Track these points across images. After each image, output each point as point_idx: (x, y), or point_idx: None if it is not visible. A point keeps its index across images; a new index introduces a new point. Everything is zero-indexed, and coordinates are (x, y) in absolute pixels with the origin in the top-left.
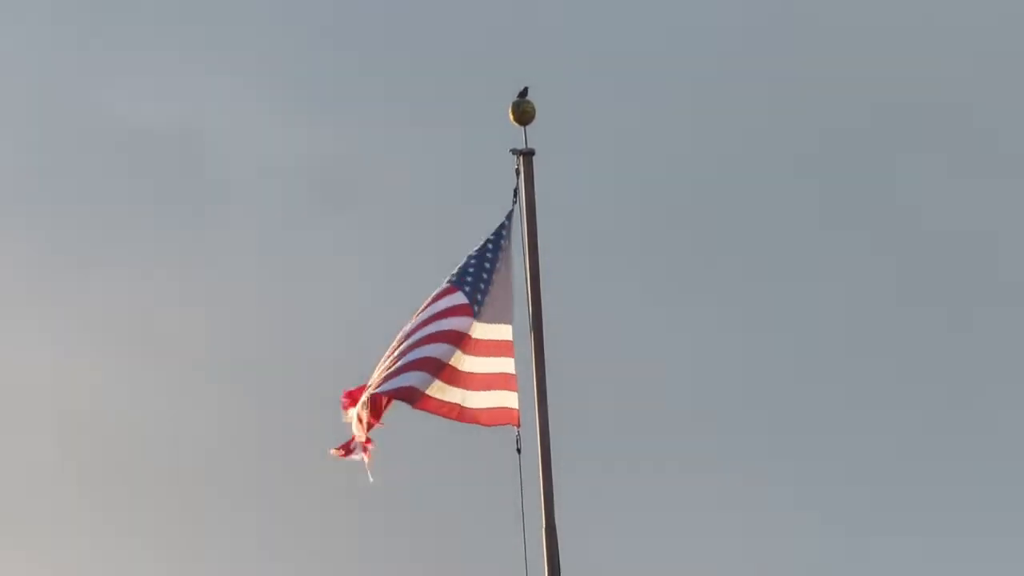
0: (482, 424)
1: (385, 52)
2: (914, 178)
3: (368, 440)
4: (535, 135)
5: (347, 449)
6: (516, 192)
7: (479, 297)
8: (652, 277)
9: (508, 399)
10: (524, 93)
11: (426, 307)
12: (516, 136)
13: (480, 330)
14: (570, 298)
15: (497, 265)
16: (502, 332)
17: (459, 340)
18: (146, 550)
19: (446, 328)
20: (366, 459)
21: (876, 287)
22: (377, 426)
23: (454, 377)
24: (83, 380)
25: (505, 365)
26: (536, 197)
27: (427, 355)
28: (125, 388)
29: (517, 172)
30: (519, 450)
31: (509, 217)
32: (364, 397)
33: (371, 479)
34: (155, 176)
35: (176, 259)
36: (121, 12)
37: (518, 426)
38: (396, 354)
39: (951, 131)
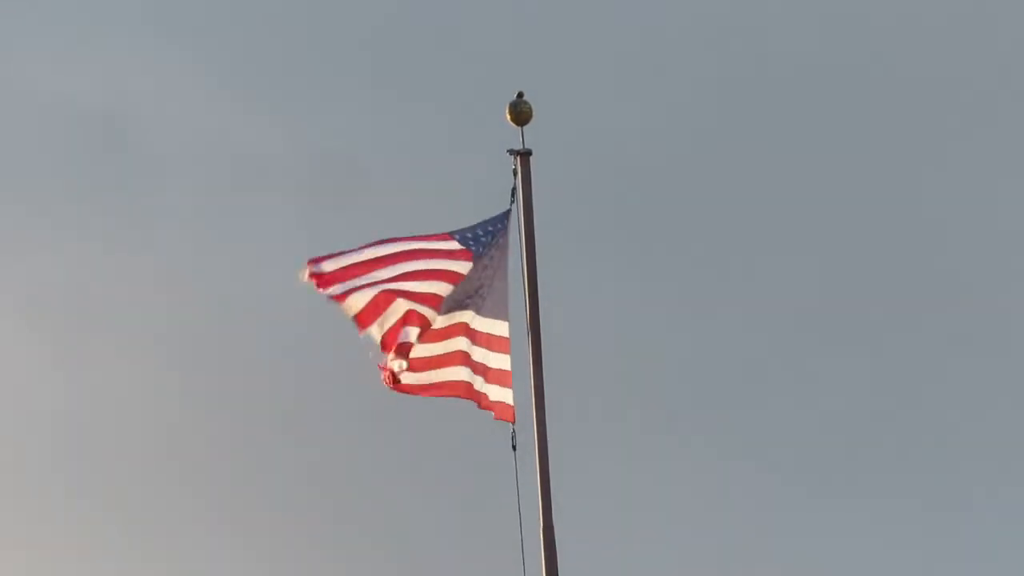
0: (493, 412)
1: (384, 51)
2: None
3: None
4: (532, 136)
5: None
6: (514, 192)
7: (479, 249)
8: (648, 276)
9: (506, 395)
10: (521, 95)
11: (417, 243)
12: (513, 137)
13: (479, 323)
14: (567, 296)
15: (497, 253)
16: (499, 328)
17: (456, 279)
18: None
19: (442, 268)
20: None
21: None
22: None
23: (466, 361)
24: (10, 364)
25: (502, 361)
26: (533, 196)
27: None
28: (55, 370)
29: (515, 172)
30: (514, 447)
31: (507, 216)
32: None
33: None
34: (79, 154)
35: (101, 239)
36: None
37: (513, 423)
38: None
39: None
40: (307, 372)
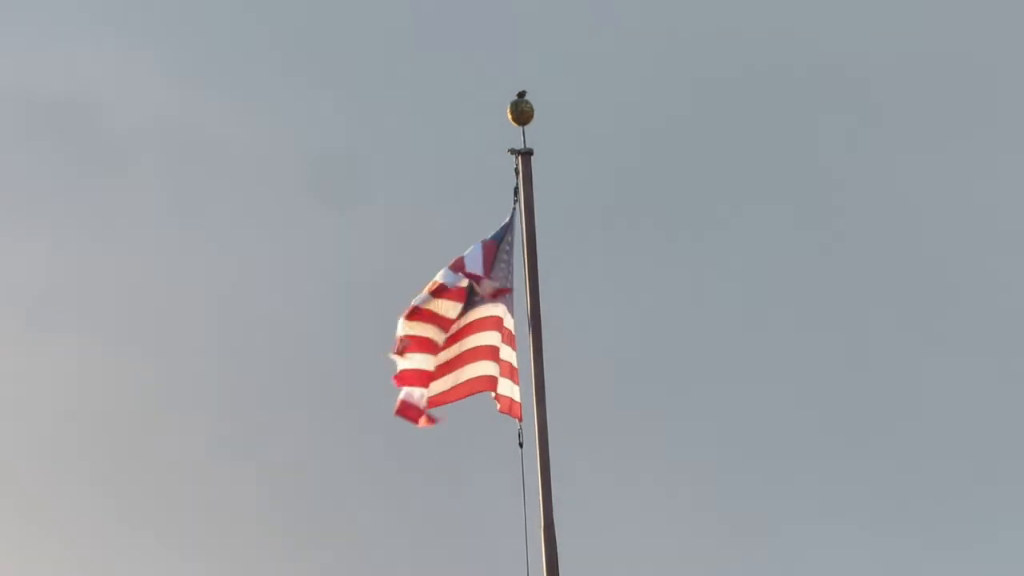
0: (500, 404)
1: (385, 50)
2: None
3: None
4: (533, 135)
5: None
6: (516, 191)
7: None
8: (649, 274)
9: (514, 390)
10: (522, 95)
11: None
12: (515, 136)
13: (509, 321)
14: (568, 294)
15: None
16: (509, 323)
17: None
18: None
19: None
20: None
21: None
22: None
23: (494, 356)
24: None
25: (511, 355)
26: (534, 196)
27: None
28: (23, 361)
29: (516, 172)
30: (521, 444)
31: (512, 215)
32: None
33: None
34: (48, 144)
35: (74, 229)
36: None
37: (520, 420)
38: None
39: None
40: (306, 371)
